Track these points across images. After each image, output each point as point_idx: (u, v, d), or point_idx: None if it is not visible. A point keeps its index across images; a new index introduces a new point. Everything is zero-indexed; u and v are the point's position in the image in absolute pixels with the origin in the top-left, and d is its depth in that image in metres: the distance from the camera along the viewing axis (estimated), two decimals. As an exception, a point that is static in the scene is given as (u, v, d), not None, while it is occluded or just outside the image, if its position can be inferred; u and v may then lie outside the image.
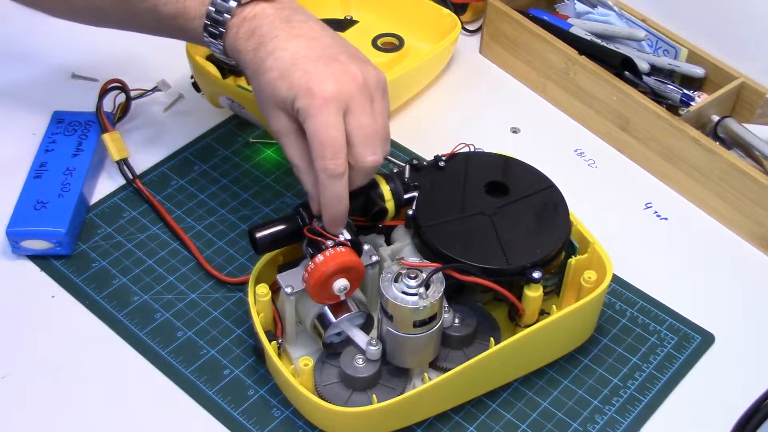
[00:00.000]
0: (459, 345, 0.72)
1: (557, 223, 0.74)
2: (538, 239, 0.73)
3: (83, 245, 0.83)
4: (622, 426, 0.73)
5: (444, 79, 1.03)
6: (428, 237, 0.72)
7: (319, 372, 0.71)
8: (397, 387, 0.71)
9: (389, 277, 0.67)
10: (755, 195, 0.84)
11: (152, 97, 0.95)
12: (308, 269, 0.68)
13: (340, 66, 0.67)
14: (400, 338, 0.68)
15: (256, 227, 0.71)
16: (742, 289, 0.84)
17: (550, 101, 1.01)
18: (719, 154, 0.86)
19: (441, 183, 0.76)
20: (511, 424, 0.73)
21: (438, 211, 0.73)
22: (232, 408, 0.72)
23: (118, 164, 0.87)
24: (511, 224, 0.73)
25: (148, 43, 0.83)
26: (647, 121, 0.91)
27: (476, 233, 0.72)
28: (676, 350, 0.78)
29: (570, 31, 1.00)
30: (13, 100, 0.96)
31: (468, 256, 0.70)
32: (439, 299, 0.67)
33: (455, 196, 0.75)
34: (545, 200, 0.76)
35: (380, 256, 0.73)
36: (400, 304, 0.66)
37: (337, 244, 0.69)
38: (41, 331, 0.77)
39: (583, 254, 0.76)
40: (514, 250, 0.71)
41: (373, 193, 0.73)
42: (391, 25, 1.02)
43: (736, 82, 0.92)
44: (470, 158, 0.78)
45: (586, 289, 0.74)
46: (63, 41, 1.03)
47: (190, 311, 0.79)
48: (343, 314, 0.70)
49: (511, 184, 0.76)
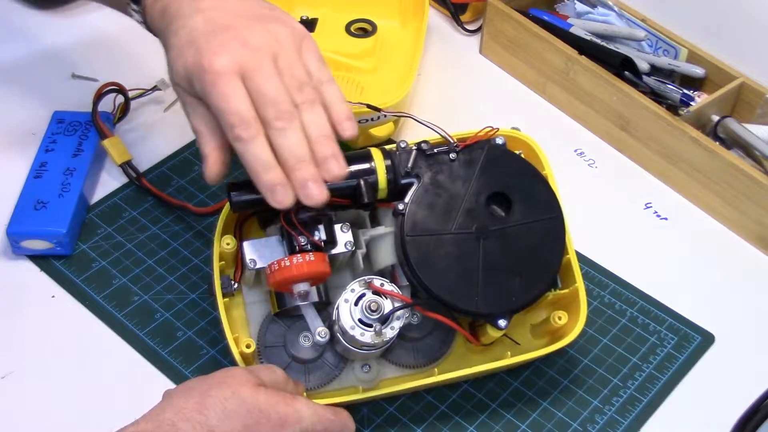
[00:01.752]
0: (410, 342, 0.72)
1: (547, 267, 0.69)
2: (520, 282, 0.68)
3: (83, 245, 0.83)
4: (622, 426, 0.73)
5: (444, 79, 1.03)
6: (406, 248, 0.68)
7: (265, 329, 0.71)
8: (336, 368, 0.70)
9: (352, 296, 0.66)
10: (755, 195, 0.84)
11: (152, 97, 0.95)
12: (272, 267, 0.66)
13: (233, 33, 0.65)
14: (347, 348, 0.67)
15: (235, 185, 0.69)
16: (742, 289, 0.84)
17: (550, 101, 1.01)
18: (719, 154, 0.86)
19: (444, 179, 0.70)
20: (511, 424, 0.73)
21: (428, 216, 0.68)
22: (232, 408, 0.72)
23: (122, 167, 0.87)
24: (497, 256, 0.68)
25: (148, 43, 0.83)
26: (647, 121, 0.91)
27: (458, 259, 0.68)
28: (676, 350, 0.78)
29: (570, 31, 1.00)
30: (13, 100, 0.96)
31: (440, 285, 0.67)
32: (393, 336, 0.66)
33: (453, 201, 0.69)
34: (545, 232, 0.70)
35: (357, 239, 0.70)
36: (353, 334, 0.65)
37: (309, 243, 0.67)
38: (41, 331, 0.77)
39: (563, 290, 0.72)
40: (489, 291, 0.67)
41: (366, 183, 0.69)
42: (360, 11, 1.01)
43: (736, 82, 0.92)
44: (489, 152, 0.71)
45: (552, 327, 0.72)
46: (63, 41, 1.03)
47: (190, 311, 0.79)
48: (303, 301, 0.69)
49: (518, 200, 0.70)
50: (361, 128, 0.88)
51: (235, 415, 0.60)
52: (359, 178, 0.68)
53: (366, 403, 0.73)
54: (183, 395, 0.61)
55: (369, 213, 0.73)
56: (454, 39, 1.08)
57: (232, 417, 0.60)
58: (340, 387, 0.71)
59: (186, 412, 0.59)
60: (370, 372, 0.71)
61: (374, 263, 0.71)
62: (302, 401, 0.63)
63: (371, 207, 0.71)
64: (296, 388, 0.67)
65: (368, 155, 0.69)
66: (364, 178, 0.68)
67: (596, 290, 0.82)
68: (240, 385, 0.61)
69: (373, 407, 0.74)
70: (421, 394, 0.74)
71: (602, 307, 0.81)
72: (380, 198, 0.70)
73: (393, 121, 0.90)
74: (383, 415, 0.73)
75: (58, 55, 1.01)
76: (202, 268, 0.81)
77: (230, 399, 0.60)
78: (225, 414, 0.59)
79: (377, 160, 0.69)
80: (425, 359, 0.72)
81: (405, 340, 0.71)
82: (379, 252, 0.71)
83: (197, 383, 0.62)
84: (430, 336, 0.72)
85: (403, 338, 0.71)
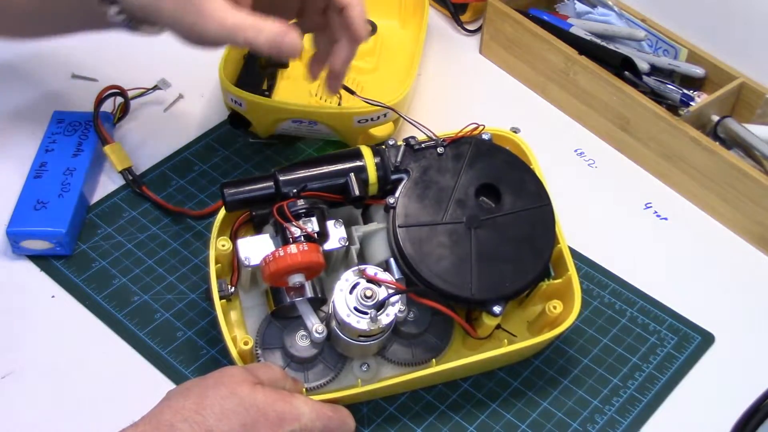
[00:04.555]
0: (407, 339, 0.72)
1: (538, 254, 0.70)
2: (512, 269, 0.69)
3: (83, 245, 0.83)
4: (622, 426, 0.73)
5: (444, 79, 1.03)
6: (399, 240, 0.68)
7: (263, 331, 0.71)
8: (335, 367, 0.70)
9: (346, 285, 0.66)
10: (755, 195, 0.84)
11: (152, 97, 0.95)
12: (267, 260, 0.67)
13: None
14: (343, 340, 0.68)
15: (229, 184, 0.70)
16: (742, 289, 0.84)
17: (550, 101, 1.01)
18: (719, 154, 0.86)
19: (433, 172, 0.71)
20: (511, 424, 0.73)
21: (419, 208, 0.70)
22: (232, 408, 0.72)
23: (122, 173, 0.87)
24: (489, 244, 0.69)
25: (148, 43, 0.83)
26: (647, 121, 0.91)
27: (450, 248, 0.68)
28: (676, 350, 0.78)
29: (570, 31, 1.00)
30: (14, 99, 0.96)
31: (434, 273, 0.67)
32: (389, 323, 0.66)
33: (443, 193, 0.70)
34: (535, 220, 0.71)
35: (350, 236, 0.71)
36: (348, 322, 0.66)
37: (303, 235, 0.67)
38: (41, 331, 0.77)
39: (556, 279, 0.73)
40: (482, 278, 0.68)
41: (356, 178, 0.70)
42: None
43: (736, 82, 0.92)
44: (476, 146, 0.73)
45: (549, 318, 0.72)
46: (63, 41, 1.03)
47: (190, 311, 0.79)
48: (298, 296, 0.69)
49: (506, 191, 0.71)
50: (362, 128, 0.88)
51: (233, 414, 0.60)
52: (350, 173, 0.70)
53: (366, 403, 0.74)
54: (181, 395, 0.61)
55: (361, 211, 0.74)
56: (454, 39, 1.08)
57: (230, 416, 0.60)
58: (339, 386, 0.71)
59: (184, 413, 0.59)
60: (369, 371, 0.71)
61: (368, 259, 0.72)
62: (300, 398, 0.63)
63: (362, 202, 0.71)
64: (295, 385, 0.67)
65: (358, 153, 0.71)
66: (354, 174, 0.70)
67: (596, 290, 0.82)
68: (237, 384, 0.61)
69: (373, 407, 0.74)
70: (421, 394, 0.74)
71: (602, 307, 0.81)
72: (371, 194, 0.71)
73: (393, 121, 0.90)
74: (383, 414, 0.73)
75: (58, 55, 1.01)
76: (201, 268, 0.81)
77: (228, 398, 0.60)
78: (223, 413, 0.59)
79: (367, 157, 0.71)
80: (423, 356, 0.72)
81: (402, 337, 0.72)
82: (372, 247, 0.72)
83: (195, 383, 0.62)
84: (427, 332, 0.72)
85: (400, 335, 0.71)
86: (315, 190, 0.70)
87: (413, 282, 0.69)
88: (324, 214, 0.70)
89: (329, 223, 0.70)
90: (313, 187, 0.70)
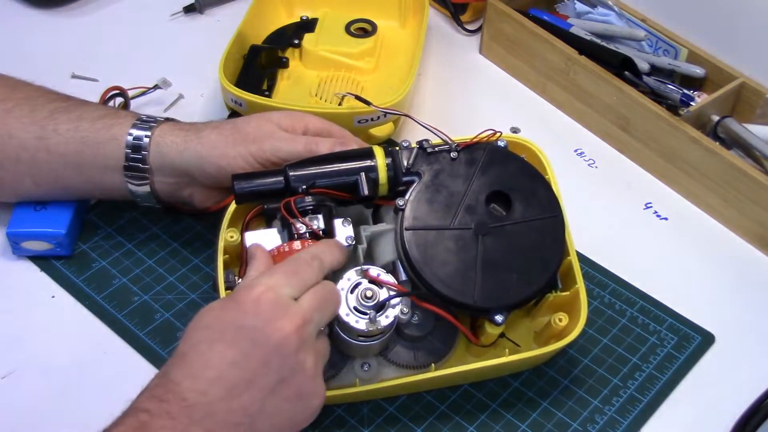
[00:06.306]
0: (410, 341, 0.72)
1: (545, 265, 0.69)
2: (517, 279, 0.68)
3: (83, 245, 0.83)
4: (622, 426, 0.73)
5: (444, 79, 1.03)
6: (405, 242, 0.68)
7: None
8: (336, 366, 0.70)
9: (347, 285, 0.66)
10: (755, 195, 0.84)
11: (152, 97, 0.95)
12: (272, 254, 0.67)
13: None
14: (344, 339, 0.67)
15: (240, 176, 0.70)
16: (742, 289, 0.84)
17: (550, 101, 1.01)
18: (719, 154, 0.86)
19: (445, 177, 0.71)
20: (511, 424, 0.73)
21: (428, 212, 0.69)
22: (232, 408, 0.72)
23: None
24: (496, 252, 0.68)
25: (148, 43, 0.83)
26: (647, 121, 0.91)
27: (456, 253, 0.68)
28: (676, 350, 0.78)
29: (570, 31, 1.00)
30: (13, 100, 0.96)
31: (437, 277, 0.67)
32: (388, 325, 0.66)
33: (453, 198, 0.70)
34: (545, 231, 0.70)
35: (358, 236, 0.71)
36: (347, 321, 0.65)
37: (308, 232, 0.67)
38: (41, 331, 0.77)
39: (564, 292, 0.72)
40: (486, 286, 0.67)
41: (366, 177, 0.70)
42: (360, 11, 1.01)
43: (736, 82, 0.92)
44: (490, 153, 0.72)
45: (554, 330, 0.72)
46: (63, 41, 1.03)
47: (190, 311, 0.78)
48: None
49: (518, 199, 0.70)
50: (362, 128, 0.88)
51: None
52: (360, 173, 0.69)
53: (366, 403, 0.74)
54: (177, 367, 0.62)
55: (372, 211, 0.74)
56: (454, 39, 1.08)
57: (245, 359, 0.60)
58: (339, 384, 0.71)
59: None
60: (370, 371, 0.71)
61: (375, 259, 0.72)
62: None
63: (371, 201, 0.71)
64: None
65: (370, 152, 0.71)
66: (365, 173, 0.69)
67: (596, 290, 0.82)
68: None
69: (373, 407, 0.74)
70: (421, 393, 0.74)
71: (602, 307, 0.81)
72: (381, 194, 0.71)
73: (393, 121, 0.90)
74: (383, 415, 0.73)
75: (58, 55, 1.01)
76: (202, 268, 0.81)
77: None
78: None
79: (379, 157, 0.70)
80: (425, 360, 0.72)
81: (405, 339, 0.71)
82: (380, 248, 0.71)
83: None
84: (430, 336, 0.72)
85: (403, 337, 0.71)
86: (324, 187, 0.70)
87: (417, 285, 0.68)
88: (331, 212, 0.69)
89: (337, 221, 0.70)
90: (323, 184, 0.70)
